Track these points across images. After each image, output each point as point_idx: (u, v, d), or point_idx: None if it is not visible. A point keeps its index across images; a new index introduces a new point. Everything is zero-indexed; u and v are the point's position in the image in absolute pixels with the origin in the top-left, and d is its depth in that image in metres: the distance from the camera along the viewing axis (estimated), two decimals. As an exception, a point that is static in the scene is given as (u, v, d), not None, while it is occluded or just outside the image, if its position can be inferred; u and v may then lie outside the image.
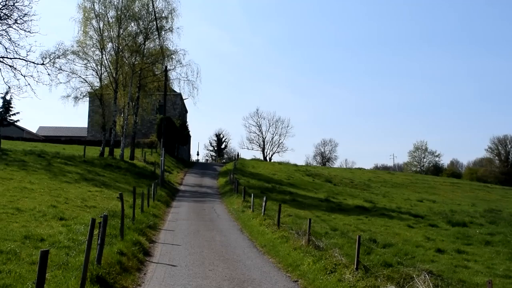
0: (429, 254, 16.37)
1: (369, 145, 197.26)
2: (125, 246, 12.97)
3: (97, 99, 49.32)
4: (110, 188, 28.81)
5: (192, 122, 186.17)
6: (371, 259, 13.32)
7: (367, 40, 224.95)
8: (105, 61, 45.71)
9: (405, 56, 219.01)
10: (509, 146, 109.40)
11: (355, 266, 11.23)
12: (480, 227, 25.14)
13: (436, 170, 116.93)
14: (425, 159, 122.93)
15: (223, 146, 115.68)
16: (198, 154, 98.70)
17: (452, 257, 16.24)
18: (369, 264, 11.94)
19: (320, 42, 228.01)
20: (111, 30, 45.45)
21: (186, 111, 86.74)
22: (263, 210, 22.60)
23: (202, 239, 17.25)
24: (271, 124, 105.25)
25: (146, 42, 47.55)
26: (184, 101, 74.27)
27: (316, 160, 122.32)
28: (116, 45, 45.30)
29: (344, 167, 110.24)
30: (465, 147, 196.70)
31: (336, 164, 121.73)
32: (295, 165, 72.30)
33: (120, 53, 45.64)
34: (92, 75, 46.51)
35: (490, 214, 33.03)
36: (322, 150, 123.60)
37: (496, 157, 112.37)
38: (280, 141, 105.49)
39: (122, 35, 45.56)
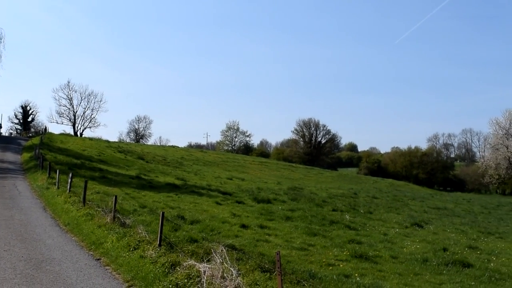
0: (234, 229, 17.06)
1: (184, 123, 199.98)
2: None
3: None
4: None
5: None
6: (177, 235, 13.47)
7: (192, 19, 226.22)
8: None
9: (229, 38, 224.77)
10: (313, 129, 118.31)
11: (158, 243, 11.26)
12: (283, 203, 26.85)
13: (247, 149, 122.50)
14: (236, 139, 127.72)
15: (29, 119, 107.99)
16: (0, 127, 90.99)
17: (255, 232, 17.13)
18: (175, 240, 12.06)
19: (140, 16, 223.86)
20: None
21: (-12, 80, 79.45)
22: (68, 187, 21.66)
23: (-1, 218, 16.04)
24: (83, 97, 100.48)
25: None
26: (-15, 68, 67.99)
27: (129, 137, 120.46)
28: None
29: (158, 144, 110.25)
30: (274, 128, 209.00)
31: (150, 141, 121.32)
32: (107, 141, 70.48)
33: None
34: None
35: (293, 191, 35.48)
36: (136, 126, 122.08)
37: (301, 139, 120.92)
38: (93, 116, 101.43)
39: None
